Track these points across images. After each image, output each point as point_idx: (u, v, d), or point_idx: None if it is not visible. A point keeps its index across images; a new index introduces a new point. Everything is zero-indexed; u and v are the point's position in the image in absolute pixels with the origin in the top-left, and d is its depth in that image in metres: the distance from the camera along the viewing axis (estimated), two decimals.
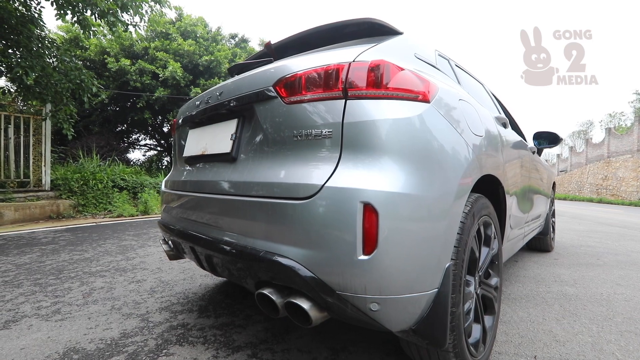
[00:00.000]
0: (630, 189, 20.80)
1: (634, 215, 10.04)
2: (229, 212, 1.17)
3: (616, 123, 35.70)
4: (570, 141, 46.35)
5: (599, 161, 25.67)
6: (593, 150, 27.69)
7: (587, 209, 12.76)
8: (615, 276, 2.74)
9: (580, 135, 45.77)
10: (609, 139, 24.80)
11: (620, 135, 23.92)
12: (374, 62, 0.98)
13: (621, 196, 21.44)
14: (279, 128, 1.07)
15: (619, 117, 38.53)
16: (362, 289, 0.89)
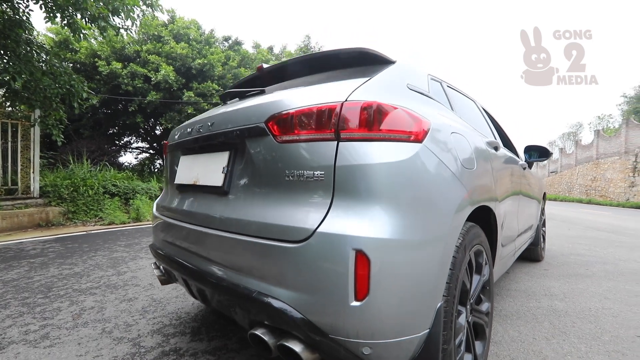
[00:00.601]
0: (618, 190, 21.23)
1: (621, 218, 10.25)
2: (222, 248, 1.16)
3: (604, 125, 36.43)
4: (561, 142, 47.15)
5: (588, 162, 26.14)
6: (582, 151, 28.19)
7: (577, 211, 12.98)
8: (604, 289, 2.80)
9: (570, 136, 46.60)
10: (598, 140, 25.28)
11: (608, 137, 24.39)
12: (366, 103, 0.98)
13: (609, 197, 21.86)
14: (271, 166, 1.07)
15: (607, 119, 39.32)
16: (354, 334, 0.90)
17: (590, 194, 24.35)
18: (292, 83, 1.53)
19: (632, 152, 20.65)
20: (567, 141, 44.98)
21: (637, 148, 20.24)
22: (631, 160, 20.43)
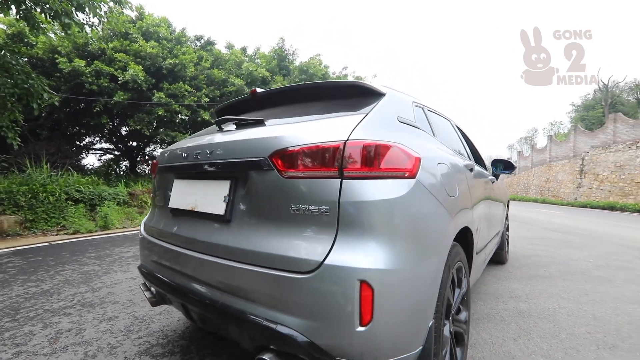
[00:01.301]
0: (568, 191, 23.21)
1: (571, 218, 11.26)
2: (225, 276, 1.19)
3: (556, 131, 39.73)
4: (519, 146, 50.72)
5: (542, 165, 28.36)
6: (537, 155, 30.52)
7: (533, 211, 14.05)
8: (559, 289, 3.11)
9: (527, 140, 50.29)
10: (551, 145, 27.50)
11: (559, 142, 26.62)
12: (367, 143, 1.07)
13: (560, 197, 23.84)
14: (276, 199, 1.13)
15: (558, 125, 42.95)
16: (359, 355, 0.98)
17: (544, 194, 26.41)
18: (288, 111, 1.59)
19: (580, 156, 22.67)
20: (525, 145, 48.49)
21: (584, 152, 22.25)
22: (578, 164, 22.43)
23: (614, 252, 4.97)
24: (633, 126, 18.31)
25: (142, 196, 8.30)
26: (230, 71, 11.84)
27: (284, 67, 13.30)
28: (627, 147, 18.31)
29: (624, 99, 28.96)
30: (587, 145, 22.12)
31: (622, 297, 2.92)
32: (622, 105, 28.38)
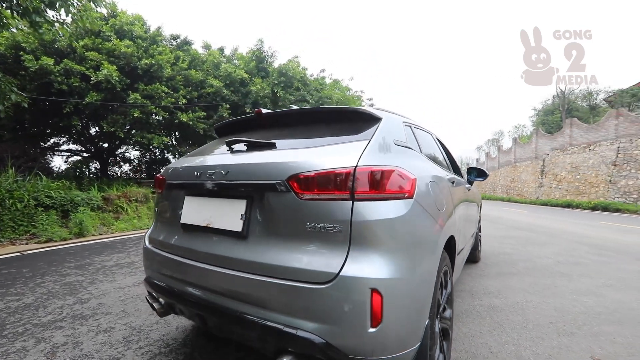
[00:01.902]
0: (530, 190, 24.88)
1: (534, 216, 12.16)
2: (244, 287, 1.30)
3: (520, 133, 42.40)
4: (486, 147, 53.51)
5: (508, 166, 30.17)
6: (503, 156, 32.40)
7: (500, 210, 14.99)
8: (526, 284, 3.46)
9: (494, 142, 53.20)
10: (515, 147, 29.32)
11: (523, 144, 28.43)
12: (374, 169, 1.23)
13: (524, 196, 25.49)
14: (293, 218, 1.26)
15: (522, 128, 45.85)
16: (370, 353, 1.14)
17: (509, 193, 28.12)
18: (292, 134, 1.72)
19: (541, 157, 24.37)
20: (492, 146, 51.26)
21: (544, 154, 23.95)
22: (540, 165, 24.11)
23: (570, 248, 5.51)
24: (586, 130, 19.97)
25: (117, 201, 8.01)
26: (208, 72, 11.64)
27: (263, 68, 13.25)
28: (582, 150, 19.95)
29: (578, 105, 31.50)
30: (547, 148, 23.82)
31: (578, 290, 3.31)
32: (577, 111, 30.87)
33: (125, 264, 4.19)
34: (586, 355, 2.05)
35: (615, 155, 17.22)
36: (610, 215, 13.07)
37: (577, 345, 2.17)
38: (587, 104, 30.73)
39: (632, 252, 5.20)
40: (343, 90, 19.92)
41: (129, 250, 5.09)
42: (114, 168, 13.87)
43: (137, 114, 8.63)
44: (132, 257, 4.62)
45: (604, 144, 18.25)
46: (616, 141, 17.48)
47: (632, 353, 2.08)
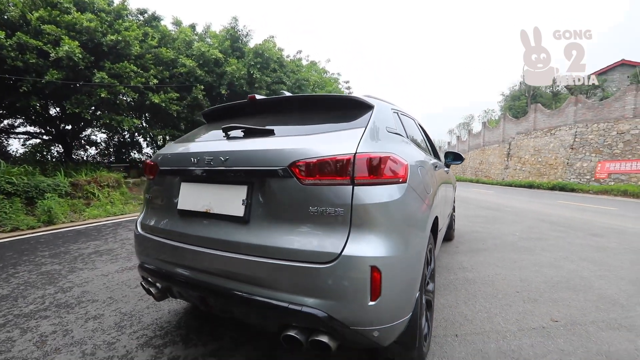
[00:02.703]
0: (497, 172, 26.32)
1: (501, 196, 12.98)
2: (248, 270, 1.36)
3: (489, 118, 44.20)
4: (458, 131, 55.49)
5: (477, 149, 31.57)
6: (473, 139, 33.81)
7: (470, 191, 15.82)
8: (495, 259, 3.78)
9: (465, 126, 55.21)
10: (484, 131, 30.63)
11: (491, 128, 29.75)
12: (372, 156, 1.31)
13: (491, 177, 26.96)
14: (295, 202, 1.32)
15: (491, 112, 47.77)
16: (369, 324, 1.25)
17: (478, 175, 29.59)
18: (287, 120, 1.74)
19: (507, 141, 25.69)
20: (463, 130, 53.21)
21: (510, 138, 25.26)
22: (506, 148, 25.44)
23: (532, 226, 6.00)
24: (549, 116, 21.21)
25: (87, 186, 7.62)
26: (179, 51, 11.05)
27: (238, 48, 12.75)
28: (544, 134, 21.23)
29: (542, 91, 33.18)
30: (513, 132, 25.11)
31: (540, 262, 3.67)
32: (541, 97, 32.53)
33: (104, 251, 4.08)
34: (546, 318, 2.32)
35: (572, 139, 18.52)
36: (567, 195, 14.22)
37: (539, 310, 2.45)
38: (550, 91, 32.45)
39: (585, 228, 5.76)
40: (320, 72, 19.68)
41: (106, 237, 4.93)
42: (80, 152, 13.03)
43: (105, 95, 8.10)
44: (111, 244, 4.49)
45: (564, 129, 19.53)
46: (574, 126, 18.74)
47: (584, 314, 2.39)
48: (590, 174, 17.10)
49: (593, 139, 17.49)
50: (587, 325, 2.22)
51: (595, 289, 2.89)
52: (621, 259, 3.80)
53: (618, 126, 16.38)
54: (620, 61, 25.07)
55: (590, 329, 2.18)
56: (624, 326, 2.22)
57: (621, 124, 16.29)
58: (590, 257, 3.89)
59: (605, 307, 2.51)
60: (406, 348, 1.48)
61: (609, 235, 5.13)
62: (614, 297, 2.72)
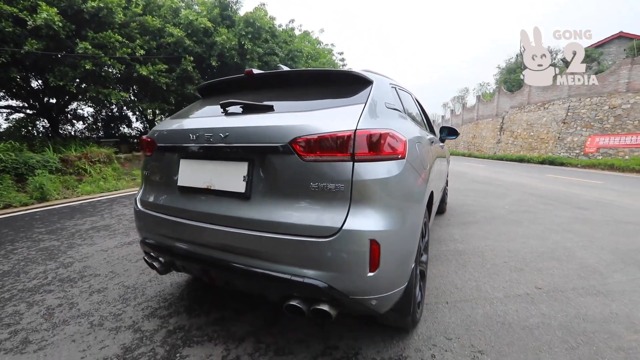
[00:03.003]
0: (489, 146, 26.53)
1: (492, 170, 13.18)
2: (251, 244, 1.40)
3: (484, 91, 43.76)
4: (452, 105, 55.05)
5: (471, 123, 31.55)
6: (467, 113, 33.67)
7: (462, 165, 16.00)
8: (485, 231, 3.92)
9: (459, 100, 54.69)
10: (478, 104, 30.45)
11: (486, 102, 29.58)
12: (371, 132, 1.32)
13: (483, 151, 27.21)
14: (296, 178, 1.34)
15: (486, 86, 47.24)
16: (368, 293, 1.33)
17: (470, 149, 29.81)
18: (285, 95, 1.72)
19: (501, 115, 25.68)
20: (457, 104, 52.78)
21: (504, 112, 25.23)
22: (499, 122, 25.48)
23: (521, 199, 6.18)
24: (544, 89, 21.09)
25: (77, 162, 7.49)
26: (166, 19, 10.48)
27: (228, 17, 12.13)
28: (537, 108, 21.24)
29: None
30: (507, 106, 25.03)
31: (527, 234, 3.82)
32: None
33: (101, 227, 4.10)
34: (531, 286, 2.47)
35: (565, 114, 18.60)
36: (556, 169, 14.52)
37: (525, 279, 2.60)
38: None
39: (571, 202, 5.96)
40: (313, 43, 18.99)
41: (102, 213, 4.94)
42: (67, 126, 12.65)
43: (89, 66, 7.74)
44: (107, 220, 4.51)
45: (557, 103, 19.53)
46: (567, 100, 18.74)
47: (566, 282, 2.54)
48: (579, 148, 17.38)
49: (585, 113, 17.60)
50: (568, 292, 2.38)
51: (577, 258, 3.05)
52: (603, 231, 3.98)
53: (610, 101, 16.44)
54: (618, 33, 24.66)
55: (570, 295, 2.33)
56: (601, 292, 2.38)
57: (614, 98, 16.35)
58: (575, 229, 4.07)
59: (586, 275, 2.67)
60: (401, 315, 1.59)
61: (593, 208, 5.33)
62: (594, 265, 2.88)
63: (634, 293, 2.37)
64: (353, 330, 1.88)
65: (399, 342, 1.77)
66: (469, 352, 1.70)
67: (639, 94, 15.43)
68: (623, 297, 2.31)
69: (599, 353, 1.70)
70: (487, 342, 1.78)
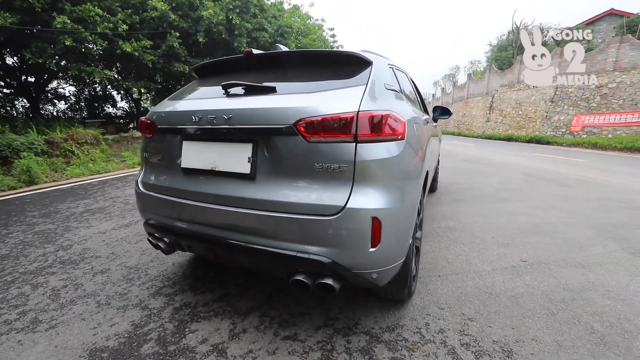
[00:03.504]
0: (478, 124, 26.77)
1: (481, 149, 13.41)
2: (257, 223, 1.45)
3: (475, 69, 43.55)
4: (442, 83, 54.74)
5: (461, 101, 31.59)
6: (458, 91, 33.62)
7: (452, 144, 16.19)
8: (474, 209, 4.08)
9: (450, 78, 54.36)
10: (469, 83, 30.39)
11: (476, 80, 29.51)
12: (373, 114, 1.35)
13: (473, 130, 27.47)
14: (301, 159, 1.37)
15: (477, 64, 46.95)
16: (369, 267, 1.41)
17: (460, 127, 30.03)
18: (286, 76, 1.72)
19: (491, 93, 25.75)
20: (448, 82, 52.52)
21: (494, 90, 25.29)
22: (489, 100, 25.60)
23: (509, 177, 6.37)
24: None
25: (64, 144, 7.29)
26: None
27: None
28: (527, 87, 21.34)
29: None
30: (497, 84, 25.07)
31: (514, 211, 3.99)
32: None
33: (96, 210, 4.09)
34: (517, 259, 2.63)
35: (554, 92, 18.79)
36: (542, 147, 14.86)
37: (511, 252, 2.75)
38: None
39: (556, 179, 6.18)
40: (303, 18, 18.37)
41: (95, 195, 4.89)
42: (48, 106, 12.15)
43: (69, 42, 7.36)
44: (101, 202, 4.48)
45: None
46: (557, 78, 18.88)
47: (549, 255, 2.71)
48: (566, 127, 17.73)
49: (573, 92, 17.81)
50: (550, 264, 2.54)
51: (560, 233, 3.23)
52: (585, 207, 4.19)
53: (597, 79, 16.64)
54: (609, 10, 24.59)
55: (552, 267, 2.50)
56: (580, 264, 2.55)
57: (601, 77, 16.54)
58: (559, 205, 4.26)
59: (567, 249, 2.85)
60: (399, 287, 1.69)
61: (576, 186, 5.56)
62: (575, 239, 3.07)
63: (610, 264, 2.55)
64: (352, 303, 2.00)
65: (395, 312, 1.89)
66: (460, 319, 1.84)
67: (625, 73, 15.66)
68: (600, 268, 2.49)
69: (576, 318, 1.86)
70: (476, 311, 1.92)
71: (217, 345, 1.64)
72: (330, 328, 1.77)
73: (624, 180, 6.15)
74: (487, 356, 1.56)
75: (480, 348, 1.62)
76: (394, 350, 1.60)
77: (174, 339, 1.70)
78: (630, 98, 15.32)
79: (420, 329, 1.76)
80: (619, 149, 13.24)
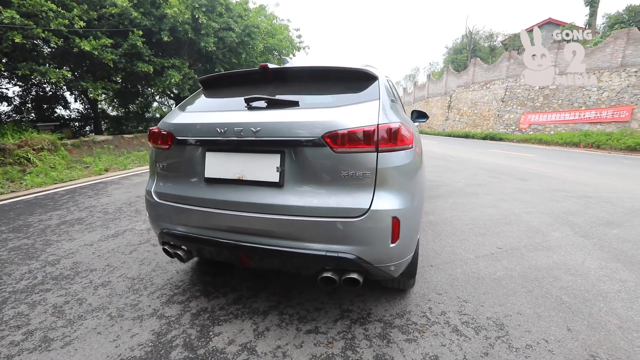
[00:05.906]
0: (439, 123, 28.42)
1: (445, 147, 14.33)
2: (286, 227, 1.56)
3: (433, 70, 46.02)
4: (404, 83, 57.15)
5: (422, 101, 33.29)
6: (419, 91, 35.37)
7: None
8: (450, 203, 4.47)
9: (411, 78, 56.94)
10: (429, 83, 32.12)
11: (435, 80, 31.28)
12: (390, 126, 1.54)
13: (433, 128, 29.09)
14: (328, 168, 1.52)
15: (435, 65, 49.70)
16: (389, 261, 1.60)
17: (421, 125, 31.60)
18: (298, 90, 1.86)
19: (449, 93, 27.46)
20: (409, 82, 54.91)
21: (452, 90, 27.00)
22: (447, 100, 27.28)
23: (474, 173, 6.97)
24: (486, 70, 22.91)
25: (17, 151, 6.67)
26: None
27: None
28: (480, 87, 23.09)
29: (482, 46, 35.12)
30: (454, 85, 26.79)
31: (483, 204, 4.44)
32: (480, 51, 34.51)
33: (73, 221, 3.87)
34: (493, 247, 2.98)
35: (504, 93, 20.54)
36: (496, 144, 16.23)
37: (488, 241, 3.11)
38: (488, 45, 34.48)
39: (514, 174, 6.88)
40: (269, 18, 18.23)
41: (67, 206, 4.59)
42: None
43: (19, 39, 6.74)
44: (76, 213, 4.23)
45: (497, 83, 21.43)
46: (506, 80, 20.65)
47: (518, 241, 3.11)
48: (515, 124, 19.47)
49: (520, 93, 19.61)
50: (521, 249, 2.93)
51: (524, 222, 3.69)
52: (541, 198, 4.77)
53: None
54: (547, 19, 27.29)
55: (523, 251, 2.88)
56: (544, 247, 2.97)
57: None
58: (520, 197, 4.80)
59: (532, 235, 3.28)
60: (408, 277, 1.91)
61: (532, 179, 6.25)
62: (537, 227, 3.52)
63: (567, 246, 3.00)
64: (360, 295, 2.18)
65: (401, 301, 2.11)
66: (457, 302, 2.10)
67: (561, 76, 17.56)
68: (560, 250, 2.92)
69: (548, 292, 2.21)
70: (468, 293, 2.20)
71: (245, 345, 1.74)
72: (347, 319, 1.94)
73: (567, 173, 7.01)
74: (484, 330, 1.83)
75: (478, 324, 1.88)
76: (407, 333, 1.81)
77: (200, 343, 1.76)
78: (567, 99, 17.23)
79: (425, 313, 1.99)
80: (560, 144, 14.87)
